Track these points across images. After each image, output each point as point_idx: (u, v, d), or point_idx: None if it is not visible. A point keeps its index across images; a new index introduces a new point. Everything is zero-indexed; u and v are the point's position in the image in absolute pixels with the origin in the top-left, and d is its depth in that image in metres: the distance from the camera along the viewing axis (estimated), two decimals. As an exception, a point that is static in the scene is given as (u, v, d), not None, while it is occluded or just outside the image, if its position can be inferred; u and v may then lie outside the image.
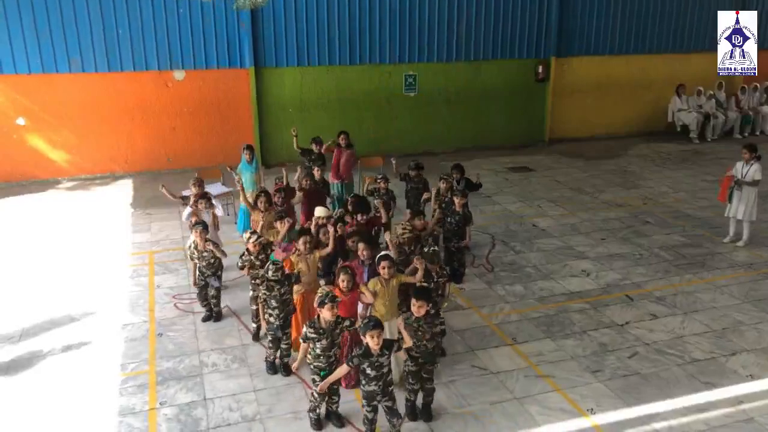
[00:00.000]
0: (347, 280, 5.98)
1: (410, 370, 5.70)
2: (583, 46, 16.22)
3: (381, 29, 14.34)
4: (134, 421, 5.79)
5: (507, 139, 16.02)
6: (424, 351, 5.62)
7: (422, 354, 5.62)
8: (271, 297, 6.23)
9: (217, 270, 7.46)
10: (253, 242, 6.79)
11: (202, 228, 7.26)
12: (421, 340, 5.56)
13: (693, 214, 11.16)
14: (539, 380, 6.40)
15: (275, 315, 6.26)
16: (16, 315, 7.64)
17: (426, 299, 5.52)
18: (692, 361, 6.72)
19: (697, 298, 8.11)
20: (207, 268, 7.37)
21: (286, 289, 6.28)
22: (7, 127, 12.54)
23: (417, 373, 5.72)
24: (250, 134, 13.75)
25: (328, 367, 5.45)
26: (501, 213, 11.32)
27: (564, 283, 8.57)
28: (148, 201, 11.78)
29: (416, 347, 5.57)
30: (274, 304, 6.24)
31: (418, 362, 5.65)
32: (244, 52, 13.50)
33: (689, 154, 15.56)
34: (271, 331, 6.37)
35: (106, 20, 12.53)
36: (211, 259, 7.36)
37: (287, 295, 6.30)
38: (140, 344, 7.06)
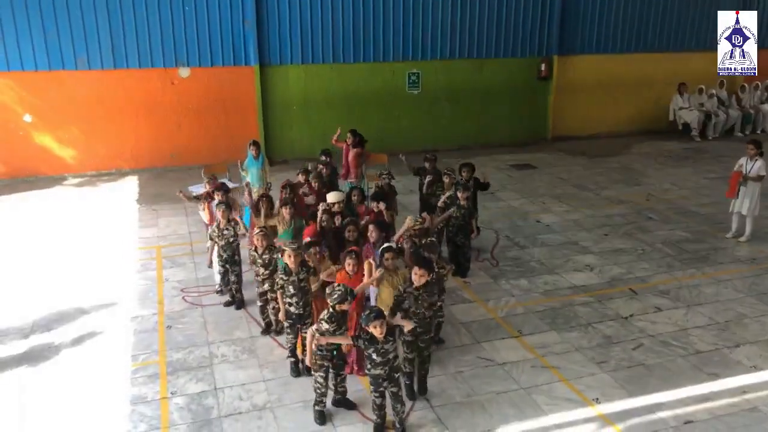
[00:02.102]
0: (353, 263, 6.12)
1: (406, 340, 5.81)
2: (586, 44, 16.31)
3: (385, 27, 14.43)
4: (146, 410, 5.87)
5: (510, 136, 16.11)
6: (421, 319, 5.75)
7: (420, 322, 5.73)
8: (288, 283, 6.14)
9: (234, 253, 7.54)
10: (258, 235, 6.82)
11: (225, 207, 7.39)
12: (420, 308, 5.68)
13: (695, 211, 11.24)
14: (545, 371, 6.48)
15: (294, 303, 6.19)
16: (28, 308, 7.72)
17: (428, 269, 5.63)
18: (696, 353, 6.80)
19: (700, 292, 8.18)
20: (225, 249, 7.46)
21: (304, 276, 6.20)
22: (14, 123, 12.63)
23: (413, 342, 5.84)
24: (255, 131, 13.83)
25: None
26: (505, 209, 11.40)
27: (568, 277, 8.65)
28: (154, 197, 11.86)
29: (414, 314, 5.69)
30: (292, 291, 6.15)
31: (416, 331, 5.74)
32: (249, 49, 13.59)
33: (691, 152, 15.64)
34: (290, 319, 6.28)
35: (112, 18, 12.62)
36: (230, 238, 7.45)
37: (305, 282, 6.21)
38: (150, 336, 7.14)
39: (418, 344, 5.89)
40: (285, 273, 6.19)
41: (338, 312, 5.46)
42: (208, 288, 8.21)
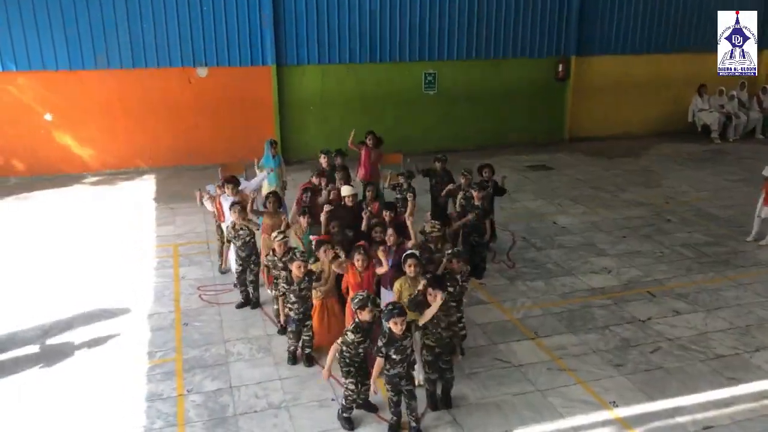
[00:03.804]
0: (362, 259, 6.16)
1: (427, 360, 5.74)
2: (604, 44, 16.17)
3: (401, 27, 14.42)
4: (163, 407, 5.91)
5: (526, 137, 16.02)
6: (439, 339, 5.66)
7: (438, 343, 5.67)
8: (290, 291, 6.34)
9: (252, 252, 7.56)
10: (278, 241, 6.81)
11: (240, 207, 7.40)
12: (437, 328, 5.61)
13: (715, 213, 11.09)
14: (562, 373, 6.42)
15: (295, 309, 6.39)
16: (46, 305, 7.80)
17: (442, 289, 5.57)
18: (716, 357, 6.71)
19: (720, 296, 8.08)
20: (242, 248, 7.49)
21: (306, 285, 6.36)
22: (36, 122, 12.79)
23: (434, 363, 5.75)
24: (271, 131, 13.87)
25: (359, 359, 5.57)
26: (521, 211, 11.33)
27: (585, 279, 8.58)
28: (172, 195, 11.94)
29: (432, 335, 5.63)
30: (293, 299, 6.35)
31: (435, 351, 5.69)
32: (266, 50, 13.65)
33: (711, 153, 15.45)
34: (292, 324, 6.47)
35: (131, 17, 12.74)
36: (247, 238, 7.47)
37: (306, 291, 6.39)
38: (167, 333, 7.19)
39: (439, 365, 5.77)
40: (287, 282, 6.30)
41: (363, 323, 5.45)
42: (224, 286, 8.25)
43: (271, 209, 7.88)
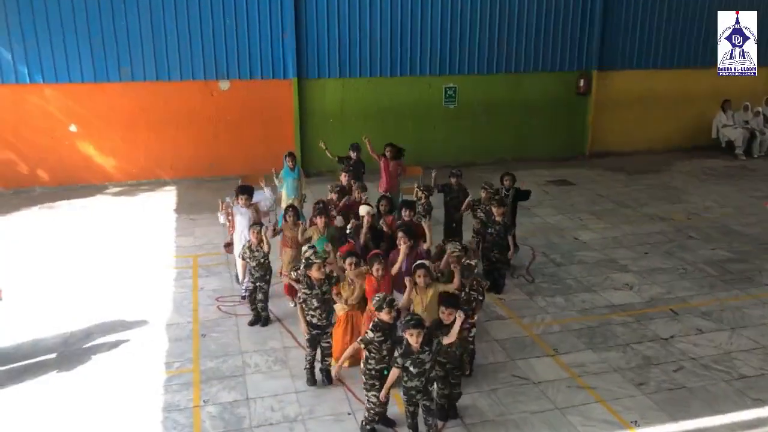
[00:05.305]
0: (380, 268, 6.16)
1: (438, 375, 5.73)
2: (626, 59, 16.05)
3: (422, 41, 14.46)
4: (179, 417, 5.91)
5: (547, 152, 15.91)
6: (452, 356, 5.67)
7: (450, 359, 5.66)
8: (312, 296, 6.22)
9: (266, 273, 7.55)
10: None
11: (259, 228, 7.40)
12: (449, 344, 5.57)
13: (739, 230, 10.90)
14: (581, 391, 6.32)
15: (318, 315, 6.26)
16: (65, 314, 7.87)
17: (454, 306, 5.54)
18: (741, 377, 6.56)
19: (744, 314, 7.91)
20: (257, 269, 7.48)
21: (328, 288, 6.29)
22: (61, 133, 13.00)
23: (445, 378, 5.78)
24: (292, 144, 13.95)
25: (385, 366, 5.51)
26: (541, 226, 11.23)
27: (606, 295, 8.46)
28: (192, 206, 12.04)
29: (444, 352, 5.60)
30: (315, 304, 6.22)
31: (446, 367, 5.70)
32: (288, 63, 13.76)
33: (735, 170, 15.21)
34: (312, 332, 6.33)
35: (155, 31, 12.94)
36: (262, 259, 7.46)
37: (328, 294, 6.32)
38: (184, 344, 7.21)
39: (450, 380, 5.82)
40: (308, 287, 6.22)
41: (382, 321, 5.43)
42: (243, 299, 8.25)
43: (290, 222, 7.89)
